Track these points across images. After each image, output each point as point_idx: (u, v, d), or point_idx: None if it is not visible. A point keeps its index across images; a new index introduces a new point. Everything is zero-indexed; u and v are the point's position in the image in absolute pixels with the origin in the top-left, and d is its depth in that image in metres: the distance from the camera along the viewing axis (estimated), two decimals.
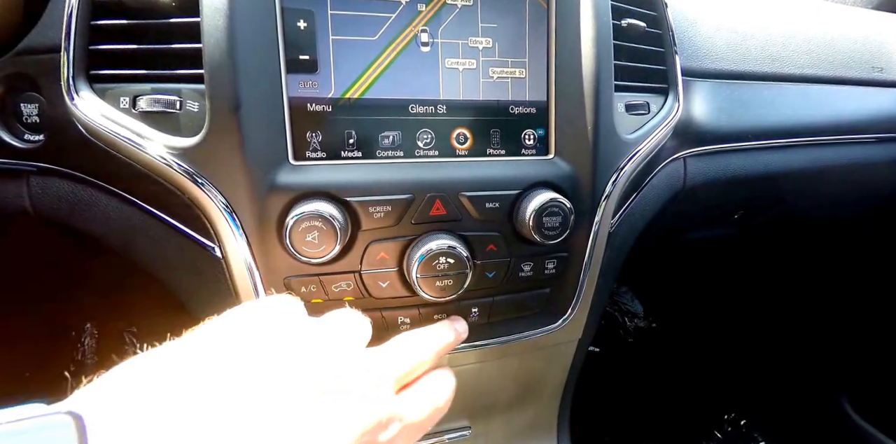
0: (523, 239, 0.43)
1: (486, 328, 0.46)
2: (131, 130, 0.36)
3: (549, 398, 0.56)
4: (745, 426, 1.20)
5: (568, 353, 0.53)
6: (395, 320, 0.42)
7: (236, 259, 0.37)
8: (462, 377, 0.49)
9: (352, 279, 0.39)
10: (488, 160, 0.42)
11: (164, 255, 0.41)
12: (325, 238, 0.35)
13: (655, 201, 0.58)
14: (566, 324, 0.49)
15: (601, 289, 0.51)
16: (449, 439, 0.52)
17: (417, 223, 0.40)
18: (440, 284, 0.39)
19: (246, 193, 0.36)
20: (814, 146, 0.70)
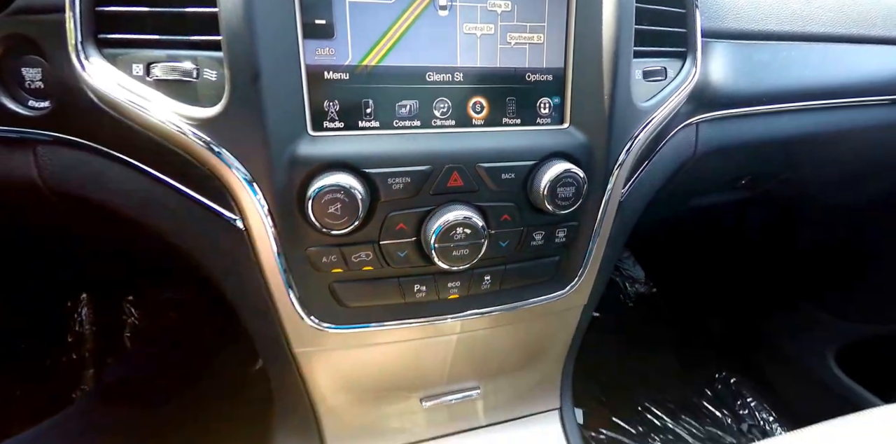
0: (536, 209, 0.43)
1: (497, 295, 0.48)
2: (147, 99, 0.35)
3: (555, 359, 0.59)
4: (735, 385, 1.26)
5: (573, 318, 0.55)
6: (412, 289, 0.43)
7: (258, 230, 0.38)
8: (472, 341, 0.51)
9: (371, 250, 0.40)
10: (504, 130, 0.42)
11: (184, 227, 0.41)
12: (347, 210, 0.36)
13: (665, 169, 0.58)
14: (573, 291, 0.50)
15: (608, 257, 0.53)
16: (455, 399, 0.55)
17: (435, 194, 0.40)
18: (457, 253, 0.40)
19: (267, 165, 0.36)
20: (829, 109, 0.69)
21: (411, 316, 0.45)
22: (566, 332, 0.56)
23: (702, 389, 1.24)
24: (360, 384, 0.50)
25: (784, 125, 0.67)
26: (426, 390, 0.53)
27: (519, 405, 0.60)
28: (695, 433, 1.15)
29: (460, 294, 0.45)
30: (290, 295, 0.41)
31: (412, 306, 0.45)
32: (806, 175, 0.88)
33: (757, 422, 1.19)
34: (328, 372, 0.47)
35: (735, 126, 0.64)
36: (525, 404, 0.60)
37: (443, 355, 0.51)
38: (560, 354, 0.58)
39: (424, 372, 0.52)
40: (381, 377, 0.50)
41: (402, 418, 0.54)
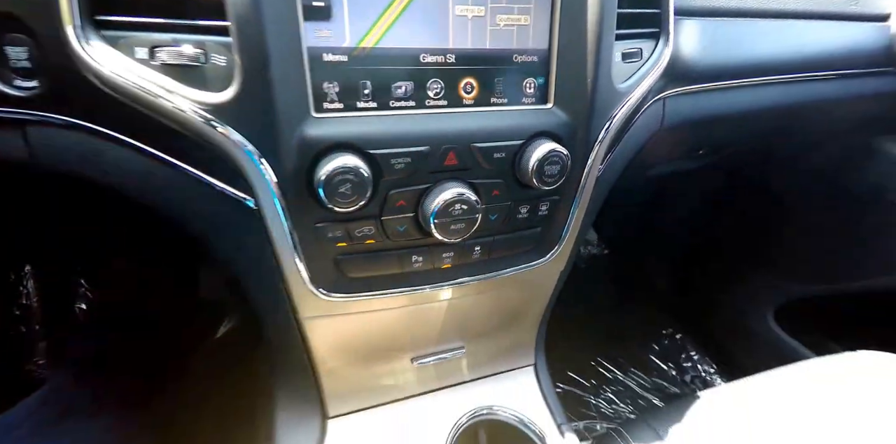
0: (523, 185, 0.47)
1: (485, 264, 0.52)
2: (155, 83, 0.35)
3: (532, 321, 0.64)
4: (680, 340, 1.39)
5: (551, 282, 0.60)
6: (410, 259, 0.46)
7: (270, 209, 0.40)
8: (460, 306, 0.56)
9: (373, 225, 0.43)
10: (493, 110, 0.45)
11: (193, 206, 0.42)
12: (356, 190, 0.38)
13: (635, 143, 0.62)
14: (553, 258, 0.55)
15: (584, 227, 0.57)
16: (443, 358, 0.60)
17: (433, 172, 0.42)
18: (454, 227, 0.43)
19: (279, 147, 0.37)
20: (784, 84, 0.75)
21: (408, 284, 0.49)
22: (544, 295, 0.62)
23: (650, 344, 1.35)
24: (357, 347, 0.54)
25: (743, 99, 0.72)
26: (417, 350, 0.58)
27: (499, 362, 0.65)
28: (642, 384, 1.26)
29: (452, 264, 0.49)
30: (299, 268, 0.43)
31: (409, 276, 0.48)
32: (758, 146, 0.95)
33: (699, 374, 1.32)
34: (329, 337, 0.51)
35: (699, 100, 0.68)
36: (504, 361, 0.66)
37: (433, 318, 0.55)
38: (537, 315, 0.64)
39: (416, 335, 0.56)
40: (377, 340, 0.54)
41: (394, 376, 0.59)
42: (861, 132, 0.94)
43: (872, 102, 0.85)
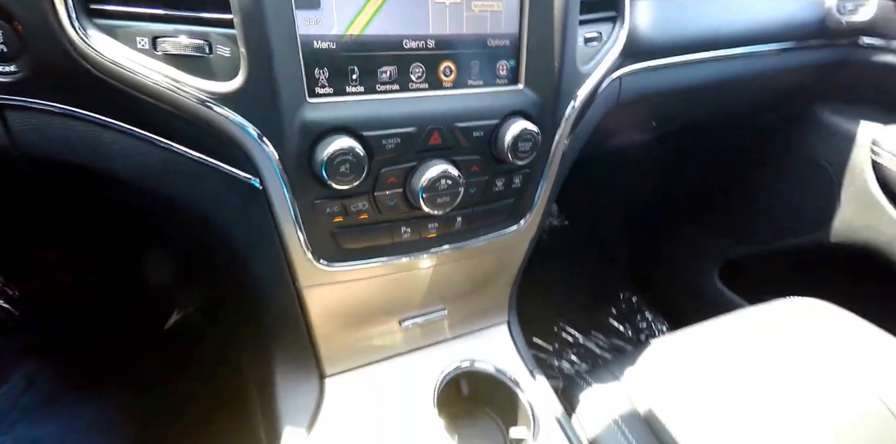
0: (499, 160, 0.52)
1: (465, 233, 0.57)
2: (160, 73, 0.37)
3: (506, 283, 0.71)
4: (636, 303, 1.51)
5: (523, 247, 0.66)
6: (399, 231, 0.51)
7: (275, 188, 0.43)
8: (442, 271, 0.61)
9: (366, 200, 0.47)
10: (471, 92, 0.49)
11: (200, 190, 0.44)
12: (354, 169, 0.42)
13: (595, 119, 0.68)
14: (525, 225, 0.61)
15: (551, 196, 0.63)
16: (427, 320, 0.66)
17: (419, 151, 0.47)
18: (440, 200, 0.48)
19: (282, 131, 0.40)
20: (729, 59, 0.82)
21: (396, 253, 0.54)
22: (516, 260, 0.68)
23: (608, 308, 1.46)
24: (350, 312, 0.58)
25: (692, 74, 0.79)
26: (403, 313, 0.64)
27: (476, 320, 0.72)
28: (601, 345, 1.37)
29: (437, 234, 0.54)
30: (300, 241, 0.47)
31: (398, 245, 0.53)
32: (705, 116, 1.04)
33: (653, 332, 1.44)
34: (325, 303, 0.55)
35: (651, 77, 0.75)
36: (481, 320, 0.72)
37: (418, 284, 0.61)
38: (510, 278, 0.70)
39: (403, 299, 0.62)
40: (367, 305, 0.59)
41: (383, 337, 0.64)
42: (798, 100, 1.03)
43: (809, 71, 0.94)
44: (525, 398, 0.64)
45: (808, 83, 0.95)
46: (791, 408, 0.65)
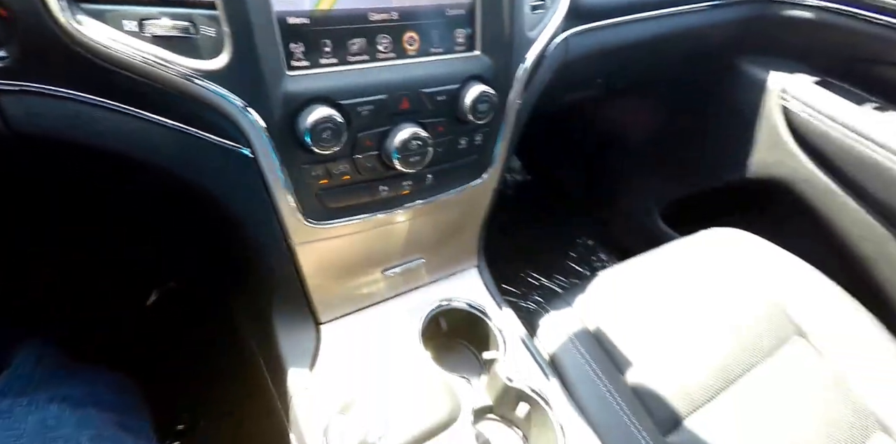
0: (461, 121, 0.58)
1: (436, 188, 0.64)
2: (150, 53, 0.40)
3: (474, 229, 0.78)
4: (593, 246, 1.64)
5: (487, 197, 0.74)
6: (378, 189, 0.57)
7: (265, 157, 0.48)
8: (418, 224, 0.68)
9: (347, 163, 0.53)
10: (433, 59, 0.54)
11: (195, 161, 0.48)
12: (335, 135, 0.47)
13: (544, 77, 0.75)
14: (487, 178, 0.68)
15: (508, 151, 0.70)
16: (407, 268, 0.74)
17: (391, 116, 0.52)
18: (412, 160, 0.54)
19: (268, 103, 0.45)
20: (661, 18, 0.89)
21: (376, 210, 0.60)
22: (481, 210, 0.75)
23: (568, 253, 1.59)
24: (338, 264, 0.65)
25: (630, 33, 0.86)
26: (386, 263, 0.71)
27: (450, 266, 0.80)
28: (562, 285, 1.49)
29: (411, 191, 0.60)
30: (290, 203, 0.53)
31: (377, 203, 0.59)
32: (643, 71, 1.12)
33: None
34: (316, 258, 0.62)
35: (593, 37, 0.81)
36: (454, 265, 0.81)
37: (397, 236, 0.68)
38: (478, 226, 0.78)
39: (384, 251, 0.69)
40: (354, 257, 0.66)
41: (370, 285, 0.71)
42: (724, 53, 1.13)
43: (732, 26, 1.03)
44: (494, 325, 0.73)
45: (731, 37, 1.05)
46: (705, 315, 0.82)
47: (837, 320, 0.84)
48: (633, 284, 0.86)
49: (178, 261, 1.03)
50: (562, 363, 0.73)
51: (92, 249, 0.84)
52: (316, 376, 0.65)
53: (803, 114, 1.01)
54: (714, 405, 0.73)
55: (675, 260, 0.92)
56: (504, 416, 0.70)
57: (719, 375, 0.75)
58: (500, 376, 0.66)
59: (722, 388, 0.74)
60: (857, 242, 1.00)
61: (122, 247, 0.87)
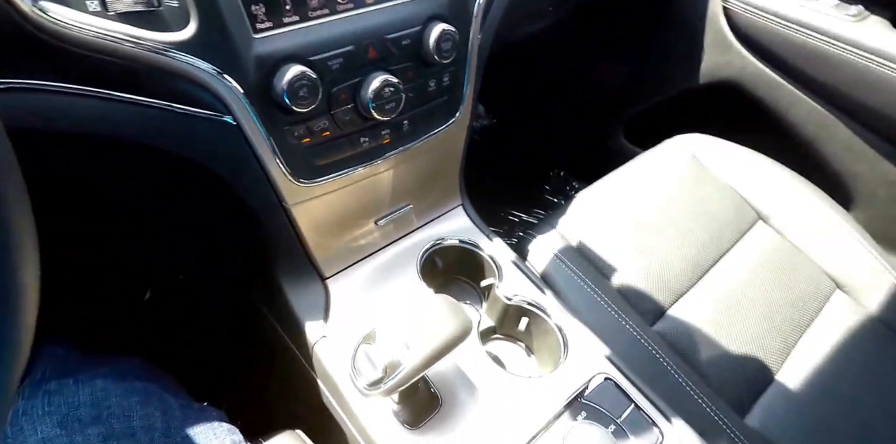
0: (428, 63, 0.59)
1: (413, 134, 0.66)
2: (119, 32, 0.40)
3: (454, 170, 0.81)
4: (564, 176, 1.70)
5: (461, 137, 0.76)
6: (359, 141, 0.59)
7: (248, 122, 0.49)
8: (402, 172, 0.71)
9: (326, 119, 0.54)
10: (392, 4, 0.54)
11: (183, 136, 0.49)
12: (311, 92, 0.48)
13: (498, 11, 0.75)
14: (459, 117, 0.70)
15: (475, 91, 0.72)
16: (397, 215, 0.77)
17: (361, 67, 0.53)
18: (388, 107, 0.56)
19: (241, 68, 0.45)
20: None
21: (360, 162, 0.62)
22: (459, 148, 0.78)
23: (543, 186, 1.64)
24: (333, 219, 0.68)
25: None
26: (377, 214, 0.74)
27: (437, 209, 0.84)
28: (541, 217, 1.57)
29: (390, 139, 0.62)
30: (280, 165, 0.54)
31: (360, 155, 0.61)
32: None
33: None
34: (311, 216, 0.64)
35: None
36: (441, 207, 0.84)
37: (384, 186, 0.70)
38: (457, 167, 0.81)
39: (374, 201, 0.71)
40: (346, 211, 0.68)
41: (365, 237, 0.75)
42: None
43: None
44: (486, 254, 0.79)
45: None
46: (676, 214, 0.91)
47: (794, 203, 0.97)
48: (608, 198, 0.94)
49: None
50: (552, 278, 0.81)
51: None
52: (330, 325, 0.69)
53: (744, 12, 1.05)
54: (692, 293, 0.84)
55: (643, 171, 1.00)
56: (508, 334, 0.78)
57: (694, 266, 0.86)
58: (500, 297, 0.73)
59: (698, 277, 0.86)
60: (804, 125, 1.10)
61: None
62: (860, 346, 0.82)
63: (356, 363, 0.50)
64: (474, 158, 0.87)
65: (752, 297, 0.84)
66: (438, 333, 0.48)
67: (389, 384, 0.47)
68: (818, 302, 0.86)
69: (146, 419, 0.53)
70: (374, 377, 0.48)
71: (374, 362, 0.48)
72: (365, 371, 0.49)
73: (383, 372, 0.47)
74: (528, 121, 1.75)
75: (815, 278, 0.88)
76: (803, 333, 0.82)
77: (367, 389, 0.49)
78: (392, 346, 0.48)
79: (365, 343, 0.50)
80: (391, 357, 0.47)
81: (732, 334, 0.80)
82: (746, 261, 0.88)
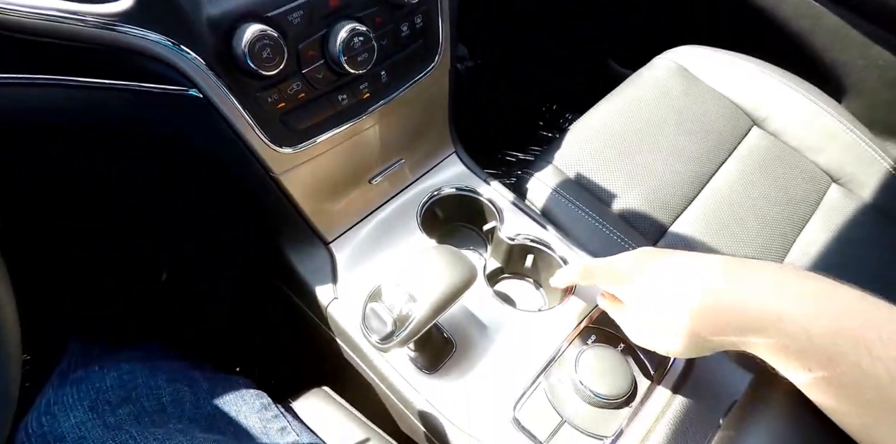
0: (396, 5, 0.55)
1: (394, 85, 0.62)
2: (55, 9, 0.36)
3: (443, 118, 0.78)
4: (557, 108, 1.64)
5: (444, 83, 0.72)
6: (337, 99, 0.56)
7: (216, 93, 0.46)
8: (388, 127, 0.68)
9: (299, 80, 0.51)
10: None
11: (154, 116, 0.46)
12: (275, 51, 0.45)
13: None
14: (439, 61, 0.66)
15: (452, 33, 0.67)
16: (390, 172, 0.75)
17: (324, 17, 0.49)
18: (360, 58, 0.52)
19: (194, 34, 0.42)
20: None
21: (343, 121, 0.59)
22: (444, 95, 0.74)
23: (537, 122, 1.61)
24: (325, 184, 0.66)
25: None
26: (370, 172, 0.72)
27: (430, 159, 0.82)
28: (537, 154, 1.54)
29: (370, 93, 0.59)
30: (259, 135, 0.52)
31: (341, 114, 0.58)
32: None
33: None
34: (302, 183, 0.62)
35: None
36: (434, 157, 0.82)
37: (372, 143, 0.68)
38: (445, 112, 0.78)
39: (364, 160, 0.69)
40: (337, 174, 0.66)
41: (361, 197, 0.73)
42: None
43: None
44: (485, 199, 0.78)
45: None
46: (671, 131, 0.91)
47: (786, 102, 0.96)
48: (601, 125, 0.92)
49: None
50: (553, 213, 0.82)
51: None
52: (340, 287, 0.70)
53: None
54: (693, 207, 0.86)
55: (634, 92, 0.97)
56: (515, 272, 0.80)
57: (692, 181, 0.87)
58: (503, 239, 0.73)
59: (697, 191, 0.87)
60: (792, 20, 1.04)
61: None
62: (855, 235, 0.85)
63: (366, 322, 0.51)
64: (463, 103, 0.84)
65: (751, 201, 0.86)
66: (442, 282, 0.48)
67: (401, 336, 0.48)
68: (815, 197, 0.89)
69: (175, 394, 0.56)
70: (385, 332, 0.49)
71: (383, 318, 0.49)
72: (376, 327, 0.50)
73: (393, 326, 0.48)
74: (514, 57, 1.67)
75: (810, 174, 0.90)
76: (802, 229, 0.86)
77: (380, 343, 0.50)
78: (398, 300, 0.48)
79: (372, 301, 0.50)
80: (399, 311, 0.48)
81: (733, 238, 0.83)
82: (743, 168, 0.89)
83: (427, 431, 0.62)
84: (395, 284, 0.49)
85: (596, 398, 0.55)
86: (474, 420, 0.58)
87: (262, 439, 0.56)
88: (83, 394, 0.51)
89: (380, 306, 0.49)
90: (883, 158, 0.91)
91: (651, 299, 0.44)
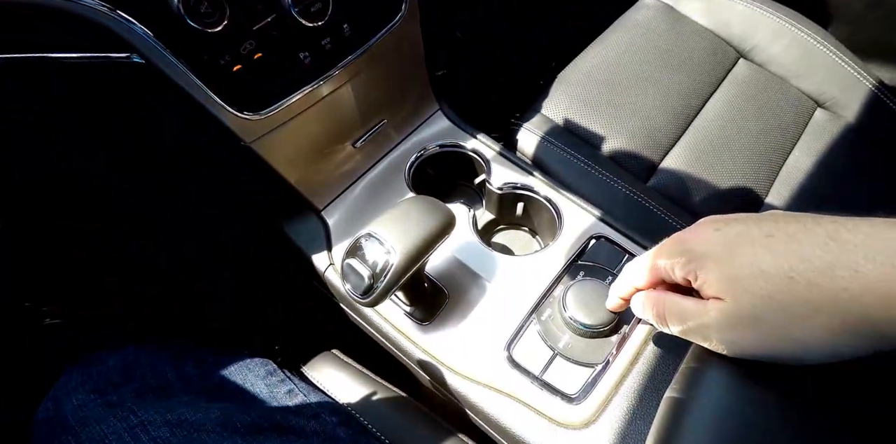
0: None
1: (359, 38, 0.59)
2: None
3: (421, 73, 0.75)
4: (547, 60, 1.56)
5: (417, 33, 0.69)
6: (297, 57, 0.53)
7: (160, 58, 0.44)
8: (363, 86, 0.65)
9: (251, 38, 0.48)
10: None
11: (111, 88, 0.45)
12: (214, 5, 0.42)
13: None
14: (406, 7, 0.62)
15: None
16: (373, 133, 0.73)
17: None
18: (314, 9, 0.49)
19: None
20: None
21: (310, 81, 0.57)
22: (418, 46, 0.70)
23: (526, 73, 1.51)
24: (305, 150, 0.64)
25: None
26: (351, 135, 0.70)
27: (415, 118, 0.79)
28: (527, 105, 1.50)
29: (333, 45, 0.56)
30: (219, 102, 0.50)
31: (307, 72, 0.56)
32: None
33: None
34: (281, 151, 0.61)
35: None
36: (418, 116, 0.79)
37: (348, 104, 0.65)
38: (422, 66, 0.74)
39: (343, 123, 0.67)
40: (317, 139, 0.65)
41: (347, 161, 0.72)
42: None
43: None
44: (472, 153, 0.76)
45: None
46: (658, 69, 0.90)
47: (772, 32, 0.94)
48: (588, 70, 0.90)
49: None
50: (544, 161, 0.81)
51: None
52: (335, 253, 0.70)
53: None
54: (681, 143, 0.86)
55: (620, 34, 0.95)
56: (511, 222, 0.79)
57: (680, 117, 0.87)
58: (492, 190, 0.72)
59: (685, 127, 0.87)
60: None
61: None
62: (838, 157, 0.86)
63: (346, 278, 0.50)
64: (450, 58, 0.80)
65: (738, 131, 0.86)
66: (416, 229, 0.47)
67: (380, 288, 0.47)
68: (801, 122, 0.89)
69: (180, 370, 0.57)
70: (363, 286, 0.48)
71: (360, 272, 0.48)
72: (354, 283, 0.49)
73: (371, 279, 0.47)
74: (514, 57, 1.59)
75: (796, 101, 0.91)
76: (788, 155, 0.87)
77: (361, 298, 0.49)
78: (374, 253, 0.47)
79: (349, 257, 0.49)
80: (374, 263, 0.47)
81: (721, 170, 0.83)
82: (730, 100, 0.90)
83: (429, 378, 0.63)
84: (367, 235, 0.48)
85: (584, 328, 0.56)
86: (471, 364, 0.59)
87: (270, 402, 0.57)
88: (85, 377, 0.53)
89: (355, 261, 0.48)
90: (865, 79, 0.91)
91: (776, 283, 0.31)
